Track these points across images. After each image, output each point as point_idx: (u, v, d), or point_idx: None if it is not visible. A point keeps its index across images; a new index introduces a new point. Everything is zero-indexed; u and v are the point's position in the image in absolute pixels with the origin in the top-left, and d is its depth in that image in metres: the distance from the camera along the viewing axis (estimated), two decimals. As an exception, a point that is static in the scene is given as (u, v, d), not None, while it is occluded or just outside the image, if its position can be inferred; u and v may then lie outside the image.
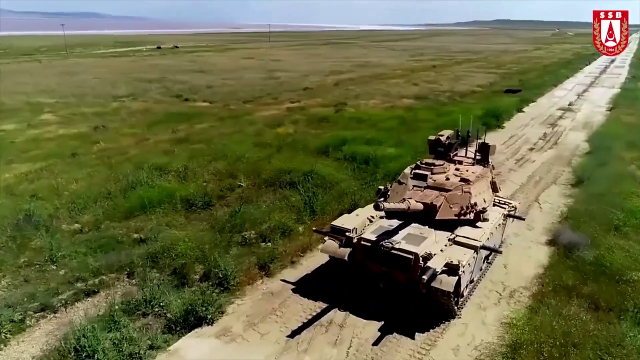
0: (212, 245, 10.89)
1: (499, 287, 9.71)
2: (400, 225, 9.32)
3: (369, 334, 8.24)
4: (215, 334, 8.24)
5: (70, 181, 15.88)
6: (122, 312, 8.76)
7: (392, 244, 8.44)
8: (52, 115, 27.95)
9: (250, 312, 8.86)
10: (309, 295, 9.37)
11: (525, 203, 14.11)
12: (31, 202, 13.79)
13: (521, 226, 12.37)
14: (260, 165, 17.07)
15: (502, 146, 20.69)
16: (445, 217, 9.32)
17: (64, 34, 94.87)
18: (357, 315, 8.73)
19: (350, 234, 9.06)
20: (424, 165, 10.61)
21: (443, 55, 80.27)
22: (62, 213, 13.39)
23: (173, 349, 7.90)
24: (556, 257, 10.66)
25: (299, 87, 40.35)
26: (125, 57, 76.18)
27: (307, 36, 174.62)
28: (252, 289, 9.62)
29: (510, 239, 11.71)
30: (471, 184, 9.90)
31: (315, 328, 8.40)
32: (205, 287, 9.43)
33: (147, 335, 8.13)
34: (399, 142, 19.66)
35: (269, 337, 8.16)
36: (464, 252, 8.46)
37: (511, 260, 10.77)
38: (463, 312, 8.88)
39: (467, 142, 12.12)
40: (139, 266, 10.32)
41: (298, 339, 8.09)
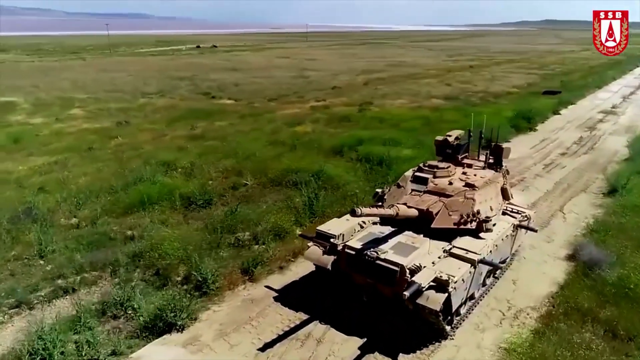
0: (199, 246, 10.39)
1: (503, 306, 8.70)
2: (392, 233, 8.50)
3: (348, 352, 7.48)
4: (183, 343, 7.70)
5: (78, 175, 15.91)
6: (95, 312, 8.40)
7: (377, 254, 7.65)
8: (81, 110, 28.54)
9: (224, 320, 8.27)
10: (291, 305, 8.69)
11: (547, 212, 12.90)
12: (36, 195, 13.81)
13: (539, 238, 11.23)
14: (268, 164, 16.54)
15: (530, 150, 19.34)
16: (442, 225, 8.41)
17: (108, 34, 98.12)
18: (338, 329, 7.98)
19: (335, 240, 8.32)
20: (426, 168, 9.74)
21: (483, 55, 77.54)
22: (63, 207, 13.31)
23: (135, 356, 7.42)
24: (574, 274, 9.49)
25: (327, 86, 39.71)
26: (164, 56, 77.98)
27: (346, 36, 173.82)
28: (232, 295, 9.04)
29: (525, 252, 10.61)
30: (476, 189, 8.95)
31: (291, 342, 7.71)
32: (183, 291, 8.95)
33: (113, 339, 7.69)
34: (418, 143, 18.63)
35: (239, 349, 7.54)
36: (458, 266, 7.55)
37: (522, 275, 9.71)
38: (458, 332, 7.97)
39: (479, 144, 11.09)
40: (122, 265, 9.96)
41: (269, 353, 7.43)
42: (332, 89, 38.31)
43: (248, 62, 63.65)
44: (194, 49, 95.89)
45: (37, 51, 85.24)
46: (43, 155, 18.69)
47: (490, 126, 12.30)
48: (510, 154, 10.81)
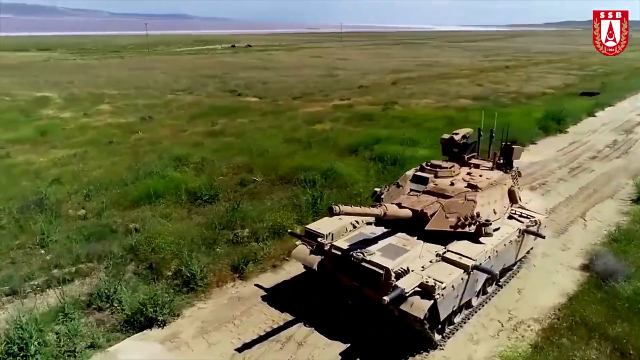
0: (194, 242, 10.26)
1: (503, 317, 8.10)
2: (384, 234, 8.07)
3: (328, 356, 7.12)
4: (162, 339, 7.54)
5: (94, 168, 16.18)
6: (82, 304, 8.38)
7: (363, 255, 7.25)
8: (109, 105, 29.25)
9: (207, 318, 8.07)
10: (278, 305, 8.40)
11: (566, 219, 12.07)
12: (49, 186, 14.10)
13: (554, 245, 10.51)
14: (280, 161, 16.31)
15: (557, 153, 18.31)
16: (437, 228, 7.91)
17: (147, 33, 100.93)
18: (322, 333, 7.63)
19: (322, 239, 7.97)
20: (428, 168, 9.24)
21: (521, 56, 74.93)
22: (73, 198, 13.53)
23: (113, 350, 7.31)
24: (585, 285, 8.76)
25: (354, 85, 39.26)
26: (199, 55, 79.50)
27: (382, 36, 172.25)
28: (219, 292, 8.84)
29: (536, 260, 9.92)
30: (479, 191, 8.39)
31: (271, 343, 7.42)
32: (170, 286, 8.82)
33: (94, 331, 7.62)
34: (436, 143, 17.79)
35: (216, 348, 7.31)
36: (450, 272, 7.05)
37: (529, 284, 9.06)
38: (450, 342, 7.46)
39: (490, 143, 10.45)
40: (117, 258, 9.93)
41: (246, 354, 7.16)
42: (359, 88, 37.83)
43: (279, 61, 63.91)
44: (228, 49, 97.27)
45: (80, 50, 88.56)
46: (64, 148, 19.18)
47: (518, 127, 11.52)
48: (521, 154, 10.12)
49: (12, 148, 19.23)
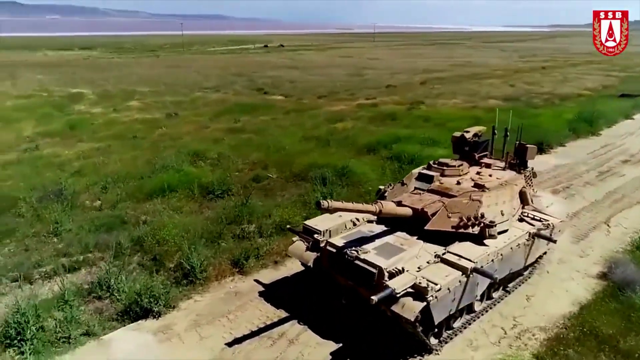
0: (200, 235, 10.26)
1: (508, 324, 7.71)
2: (382, 232, 7.83)
3: (318, 356, 6.95)
4: (155, 330, 7.56)
5: (114, 161, 16.52)
6: (85, 292, 8.52)
7: (357, 253, 7.04)
8: (138, 102, 29.95)
9: (202, 311, 8.04)
10: (274, 301, 8.29)
11: (589, 224, 11.44)
12: (70, 178, 14.50)
13: (572, 252, 9.97)
14: (296, 159, 16.24)
15: (587, 155, 17.46)
16: (437, 227, 7.60)
17: (182, 33, 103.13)
18: (315, 331, 7.46)
19: (319, 236, 7.80)
20: (435, 166, 8.93)
21: (559, 56, 72.32)
22: (91, 190, 13.85)
23: (106, 338, 7.38)
24: (600, 294, 8.24)
25: (381, 84, 38.82)
26: (232, 54, 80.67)
27: (416, 37, 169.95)
28: (218, 286, 8.80)
29: (550, 266, 9.42)
30: (485, 191, 8.02)
31: (262, 340, 7.31)
32: (171, 278, 8.86)
33: (91, 319, 7.72)
34: (458, 143, 17.44)
35: (207, 342, 7.26)
36: (447, 274, 6.74)
37: (540, 291, 8.60)
38: (447, 347, 7.16)
39: (504, 142, 10.00)
40: (124, 248, 10.06)
41: (235, 349, 7.08)
42: (386, 87, 37.39)
43: (309, 61, 64.03)
44: (261, 48, 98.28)
45: (119, 49, 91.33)
46: (90, 141, 19.72)
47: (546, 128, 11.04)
48: (535, 154, 9.61)
49: (42, 141, 19.93)
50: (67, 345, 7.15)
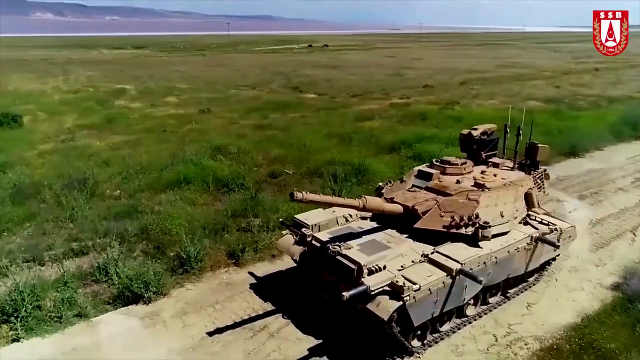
0: (202, 226, 10.39)
1: (501, 331, 7.29)
2: (372, 229, 7.63)
3: (295, 351, 6.84)
4: (142, 315, 7.71)
5: (141, 153, 17.05)
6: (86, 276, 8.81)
7: (339, 249, 6.88)
8: (176, 98, 30.88)
9: (191, 300, 8.13)
10: (263, 294, 8.26)
11: (612, 232, 10.67)
12: (95, 168, 15.10)
13: (588, 259, 9.34)
14: (315, 155, 16.18)
15: (626, 161, 16.34)
16: (427, 226, 7.31)
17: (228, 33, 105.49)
18: (298, 326, 7.36)
19: (306, 230, 7.69)
20: (437, 164, 8.60)
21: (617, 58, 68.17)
22: (113, 179, 14.36)
23: (96, 320, 7.61)
24: (609, 306, 7.64)
25: (419, 84, 38.11)
26: (276, 54, 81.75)
27: (466, 37, 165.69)
28: (211, 276, 8.89)
29: (560, 273, 8.86)
30: (485, 191, 7.63)
31: (243, 331, 7.29)
32: (168, 266, 9.01)
33: (85, 302, 7.97)
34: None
35: (189, 330, 7.32)
36: (429, 274, 6.45)
37: (544, 300, 8.10)
38: (430, 350, 6.87)
39: (516, 142, 9.47)
40: (131, 236, 10.36)
41: (215, 339, 7.10)
42: (424, 87, 36.66)
43: (350, 60, 63.85)
44: (305, 48, 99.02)
45: (169, 48, 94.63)
46: (123, 134, 20.49)
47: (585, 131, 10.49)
48: (547, 154, 9.06)
49: (79, 133, 20.91)
50: (57, 325, 7.42)
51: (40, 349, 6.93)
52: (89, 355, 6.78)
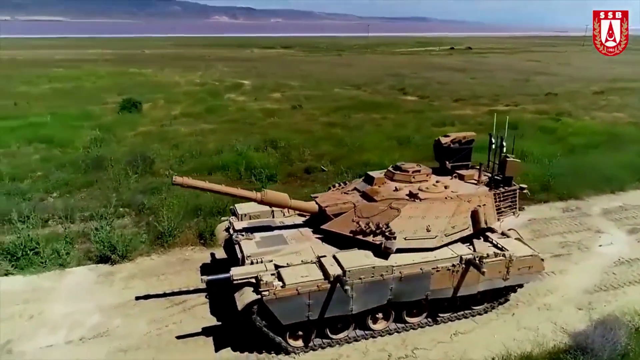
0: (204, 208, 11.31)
1: (400, 352, 6.74)
2: (290, 225, 7.67)
3: (190, 327, 7.30)
4: (101, 273, 8.94)
5: (210, 141, 18.89)
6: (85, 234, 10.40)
7: (242, 238, 7.13)
8: (280, 94, 32.95)
9: (146, 268, 9.12)
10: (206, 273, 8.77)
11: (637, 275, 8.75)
12: (163, 149, 17.27)
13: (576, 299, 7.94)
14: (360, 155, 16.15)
15: None
16: (333, 229, 7.10)
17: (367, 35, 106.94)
18: (211, 307, 7.80)
19: (233, 218, 8.05)
20: (390, 169, 8.16)
21: None
22: (170, 160, 16.29)
23: (68, 270, 9.06)
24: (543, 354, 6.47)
25: (543, 91, 34.41)
26: (410, 55, 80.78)
27: None
28: (177, 251, 9.78)
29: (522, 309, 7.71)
30: (414, 202, 7.09)
31: (165, 302, 7.99)
32: (149, 237, 10.15)
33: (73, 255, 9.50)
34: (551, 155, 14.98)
35: (125, 292, 8.28)
36: (307, 274, 6.32)
37: (477, 333, 7.20)
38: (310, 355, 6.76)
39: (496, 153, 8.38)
40: (147, 209, 11.82)
41: (138, 303, 7.94)
42: (545, 95, 33.05)
43: (485, 64, 60.18)
44: (446, 51, 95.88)
45: (313, 48, 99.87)
46: (210, 123, 22.80)
47: None
48: (519, 170, 7.89)
49: (179, 120, 23.85)
50: (40, 269, 9.02)
51: (16, 284, 8.56)
52: (38, 295, 8.17)
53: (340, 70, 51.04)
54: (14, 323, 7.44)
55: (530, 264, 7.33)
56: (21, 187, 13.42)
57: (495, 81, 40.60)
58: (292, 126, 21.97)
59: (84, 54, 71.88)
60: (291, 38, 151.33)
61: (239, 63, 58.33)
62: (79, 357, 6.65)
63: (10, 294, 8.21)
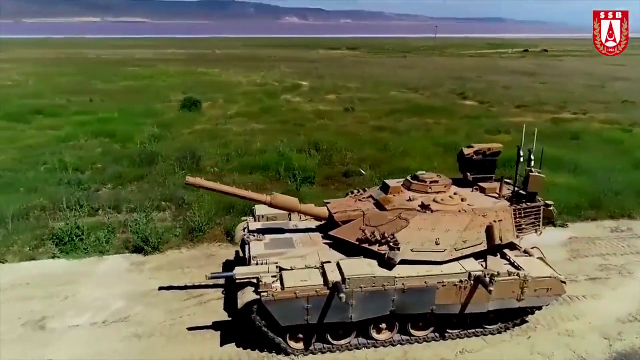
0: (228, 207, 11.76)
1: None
2: (303, 229, 7.81)
3: (202, 320, 7.66)
4: (133, 262, 9.57)
5: (258, 140, 19.47)
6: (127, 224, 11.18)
7: (252, 238, 7.38)
8: (335, 95, 33.16)
9: (174, 260, 9.65)
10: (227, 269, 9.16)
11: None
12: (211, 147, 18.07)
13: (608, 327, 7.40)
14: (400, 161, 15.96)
15: None
16: (340, 235, 7.15)
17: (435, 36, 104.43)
18: (226, 302, 8.14)
19: (250, 219, 8.32)
20: (408, 178, 8.06)
21: None
22: (217, 158, 17.00)
23: (105, 257, 9.79)
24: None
25: (619, 99, 31.98)
26: (480, 58, 77.98)
27: None
28: (205, 247, 10.23)
29: (540, 333, 7.30)
30: (424, 213, 6.97)
31: (184, 294, 8.44)
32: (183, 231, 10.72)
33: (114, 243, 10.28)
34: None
35: (150, 282, 8.82)
36: (307, 279, 6.44)
37: (484, 353, 6.91)
38: (310, 357, 6.82)
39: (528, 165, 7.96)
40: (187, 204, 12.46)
41: (159, 294, 8.45)
42: (622, 102, 30.69)
43: (557, 67, 56.84)
44: (519, 53, 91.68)
45: (378, 50, 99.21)
46: (261, 123, 23.46)
47: None
48: (542, 185, 7.44)
49: (233, 119, 24.76)
50: (82, 254, 9.84)
51: (60, 267, 9.41)
52: (76, 278, 8.92)
53: (401, 72, 50.36)
54: (51, 302, 8.20)
55: (549, 286, 6.93)
56: (81, 177, 14.64)
57: (566, 87, 38.25)
58: (340, 129, 22.08)
59: (160, 54, 76.51)
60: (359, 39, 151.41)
61: (301, 64, 59.27)
62: (98, 338, 7.21)
63: (53, 276, 9.04)
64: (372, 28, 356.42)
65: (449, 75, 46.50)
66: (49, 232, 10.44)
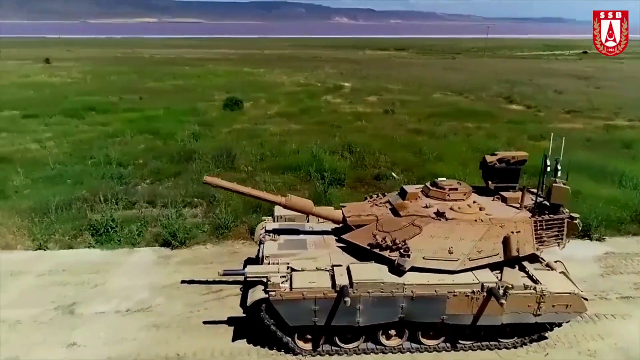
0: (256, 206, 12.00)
1: (405, 372, 6.58)
2: (318, 231, 7.89)
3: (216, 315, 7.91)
4: (160, 256, 10.00)
5: (292, 141, 19.71)
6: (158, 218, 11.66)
7: (268, 238, 7.54)
8: (376, 97, 32.98)
9: (199, 255, 9.99)
10: (247, 267, 9.42)
11: None
12: (247, 147, 18.49)
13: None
14: (430, 166, 15.71)
15: None
16: (353, 239, 7.16)
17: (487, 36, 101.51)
18: (242, 298, 8.33)
19: (268, 219, 8.48)
20: (427, 185, 7.96)
21: None
22: (252, 157, 17.37)
23: (135, 250, 10.28)
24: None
25: (682, 105, 29.90)
26: (533, 60, 75.31)
27: None
28: (230, 244, 10.52)
29: (561, 349, 7.01)
30: (438, 221, 6.88)
31: (204, 288, 8.73)
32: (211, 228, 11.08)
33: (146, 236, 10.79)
34: None
35: (174, 275, 9.18)
36: (315, 280, 6.52)
37: None
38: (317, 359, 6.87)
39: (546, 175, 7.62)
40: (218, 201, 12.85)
41: (181, 286, 8.78)
42: (685, 109, 28.65)
43: (616, 71, 54.03)
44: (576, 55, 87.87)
45: (427, 50, 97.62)
46: (300, 124, 23.72)
47: None
48: (565, 196, 7.10)
49: (273, 119, 25.19)
50: (115, 245, 10.39)
51: (94, 256, 9.99)
52: (107, 268, 9.44)
53: (448, 74, 49.36)
54: (82, 289, 8.72)
55: (569, 302, 6.63)
56: (123, 172, 15.41)
57: (623, 92, 36.12)
58: (377, 131, 21.95)
59: (210, 53, 78.96)
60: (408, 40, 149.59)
61: (346, 65, 59.34)
62: (120, 326, 7.61)
63: (86, 264, 9.61)
64: (423, 28, 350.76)
65: (497, 78, 45.10)
66: (87, 223, 11.08)
